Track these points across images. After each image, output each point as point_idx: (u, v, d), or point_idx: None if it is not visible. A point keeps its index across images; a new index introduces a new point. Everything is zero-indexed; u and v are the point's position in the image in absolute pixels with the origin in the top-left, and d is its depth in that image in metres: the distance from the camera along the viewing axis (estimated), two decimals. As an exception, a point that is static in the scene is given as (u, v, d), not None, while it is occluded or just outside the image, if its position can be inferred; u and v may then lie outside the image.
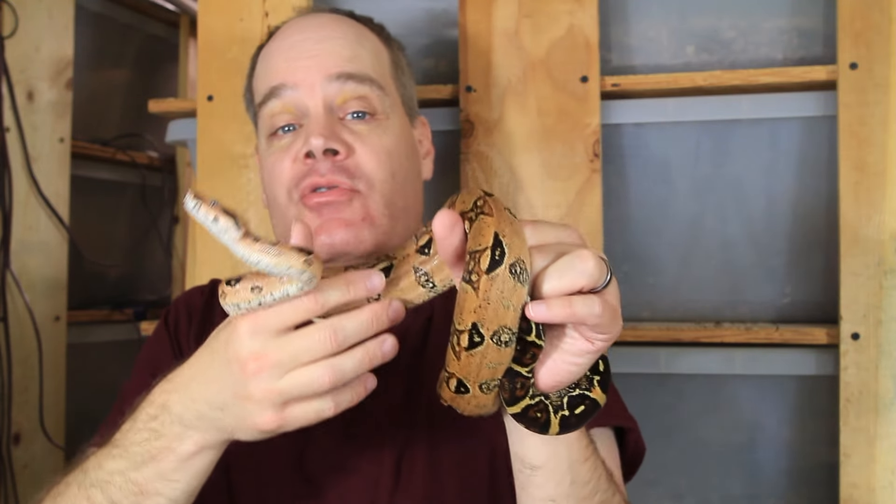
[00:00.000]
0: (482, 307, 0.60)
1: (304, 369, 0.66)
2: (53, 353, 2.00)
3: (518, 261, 0.60)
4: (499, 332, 0.61)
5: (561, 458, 0.74)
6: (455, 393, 0.67)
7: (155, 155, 2.44)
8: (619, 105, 1.42)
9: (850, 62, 1.31)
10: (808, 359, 1.36)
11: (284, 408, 0.68)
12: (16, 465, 1.89)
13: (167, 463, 0.74)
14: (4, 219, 1.88)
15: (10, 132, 1.90)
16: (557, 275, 0.61)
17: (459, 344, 0.63)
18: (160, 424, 0.75)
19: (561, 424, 0.68)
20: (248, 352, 0.67)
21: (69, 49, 2.04)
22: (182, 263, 2.42)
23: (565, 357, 0.65)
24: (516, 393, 0.66)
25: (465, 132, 1.41)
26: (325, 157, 0.94)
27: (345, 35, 1.01)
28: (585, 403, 0.68)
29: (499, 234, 0.60)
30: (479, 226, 0.61)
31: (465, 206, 0.64)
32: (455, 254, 0.64)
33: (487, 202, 0.62)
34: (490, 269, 0.60)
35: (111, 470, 0.77)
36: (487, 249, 0.60)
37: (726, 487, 1.45)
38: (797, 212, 1.42)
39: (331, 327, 0.66)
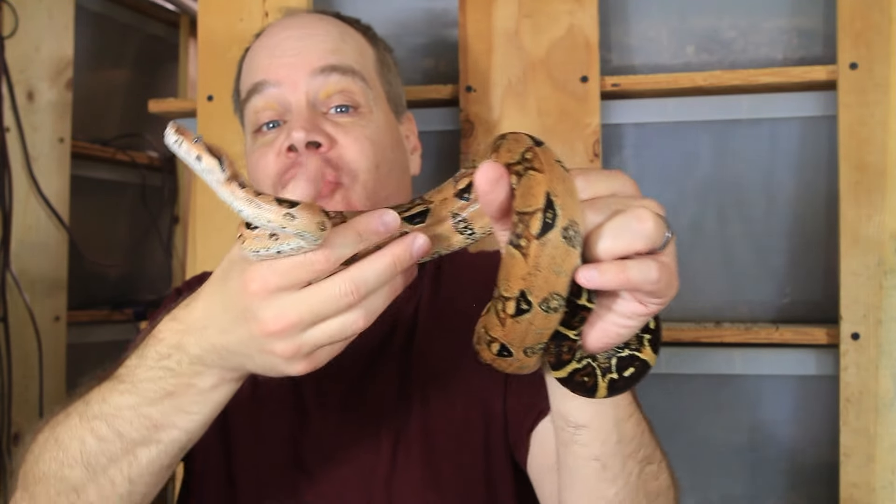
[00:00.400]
0: (531, 274, 0.55)
1: (332, 320, 0.63)
2: (53, 353, 2.00)
3: (571, 223, 0.54)
4: (548, 298, 0.56)
5: (607, 417, 0.71)
6: (497, 356, 0.63)
7: (155, 155, 2.44)
8: (619, 105, 1.42)
9: (850, 62, 1.31)
10: (808, 359, 1.36)
11: (314, 352, 0.66)
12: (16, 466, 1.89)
13: (186, 397, 0.73)
14: (4, 219, 1.88)
15: (10, 132, 1.90)
16: (612, 236, 0.56)
17: (505, 311, 0.58)
18: (176, 363, 0.72)
19: (609, 388, 0.64)
20: (265, 313, 0.63)
21: (69, 49, 2.04)
22: (182, 263, 2.42)
23: (616, 319, 0.61)
24: (562, 357, 0.63)
25: (465, 132, 1.41)
26: (307, 150, 0.93)
27: (327, 32, 1.01)
28: (635, 365, 0.65)
29: (550, 193, 0.54)
30: (528, 183, 0.55)
31: (511, 157, 0.58)
32: (499, 210, 0.58)
33: (537, 154, 0.56)
34: (541, 234, 0.54)
35: (118, 405, 0.75)
36: (538, 212, 0.54)
37: (726, 487, 1.45)
38: (797, 212, 1.42)
39: (352, 281, 0.62)
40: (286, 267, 0.62)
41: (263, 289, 0.63)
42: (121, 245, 2.42)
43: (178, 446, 0.76)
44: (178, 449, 0.76)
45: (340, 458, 0.94)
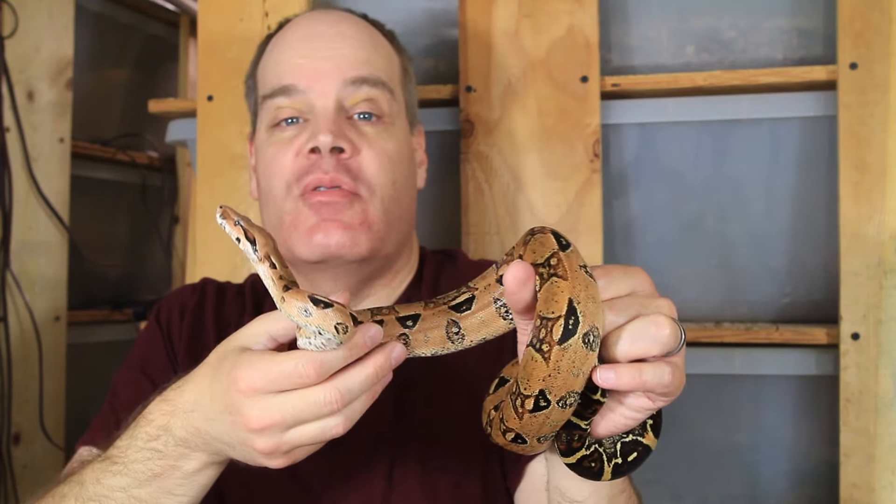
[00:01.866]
0: (551, 376, 0.58)
1: (313, 423, 0.65)
2: (53, 353, 2.00)
3: (592, 328, 0.58)
4: (566, 396, 0.59)
5: (602, 494, 0.74)
6: (511, 442, 0.66)
7: (155, 155, 2.44)
8: (619, 105, 1.42)
9: (850, 62, 1.31)
10: (808, 359, 1.36)
11: (293, 451, 0.68)
12: (16, 465, 1.89)
13: (172, 480, 0.74)
14: (4, 219, 1.88)
15: (10, 132, 1.90)
16: (630, 340, 0.59)
17: (523, 406, 0.61)
18: (163, 445, 0.74)
19: (613, 472, 0.68)
20: (249, 411, 0.65)
21: (69, 49, 2.04)
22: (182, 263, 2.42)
23: (626, 412, 0.64)
24: (573, 445, 0.66)
25: (465, 132, 1.41)
26: (330, 154, 0.93)
27: (360, 36, 1.01)
28: (638, 450, 0.68)
29: (573, 300, 0.57)
30: (551, 289, 0.58)
31: (535, 258, 0.61)
32: (524, 308, 0.61)
33: (562, 261, 0.59)
34: (562, 340, 0.57)
35: (111, 486, 0.77)
36: (561, 318, 0.57)
37: (726, 487, 1.45)
38: (797, 212, 1.41)
39: (337, 391, 0.64)
40: (275, 375, 0.64)
41: (250, 388, 0.65)
42: (121, 245, 2.42)
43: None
44: None
45: (338, 474, 0.93)
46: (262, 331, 0.68)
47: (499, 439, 0.68)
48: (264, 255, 0.67)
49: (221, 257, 1.43)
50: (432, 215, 1.49)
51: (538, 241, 0.62)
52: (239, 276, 1.40)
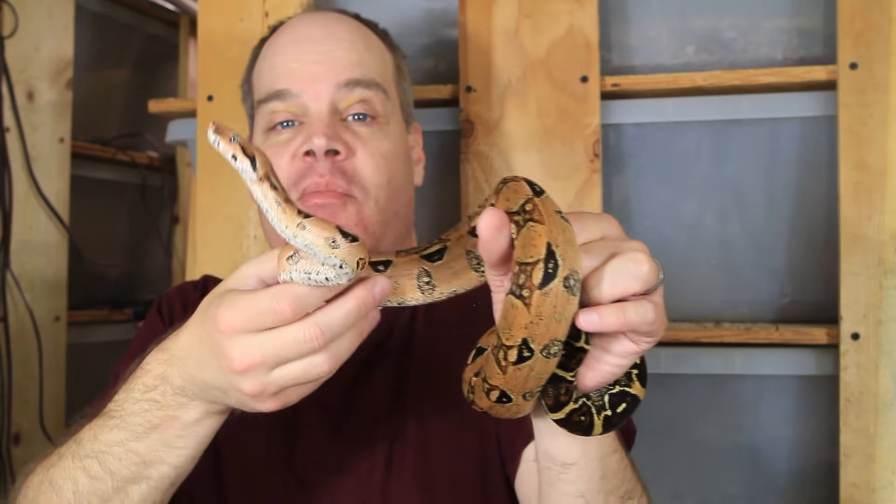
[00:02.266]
0: (533, 323, 0.57)
1: (296, 363, 0.64)
2: (53, 353, 2.00)
3: (571, 272, 0.56)
4: (549, 345, 0.58)
5: (592, 453, 0.73)
6: (496, 402, 0.64)
7: (155, 155, 2.44)
8: (619, 105, 1.42)
9: (850, 62, 1.31)
10: (808, 359, 1.36)
11: (282, 392, 0.66)
12: (16, 465, 1.89)
13: (172, 431, 0.73)
14: (4, 219, 1.88)
15: (10, 132, 1.90)
16: (610, 280, 0.58)
17: (506, 359, 0.59)
18: (160, 395, 0.73)
19: (604, 425, 0.66)
20: (231, 351, 0.64)
21: (69, 49, 2.04)
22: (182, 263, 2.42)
23: (611, 359, 0.63)
24: (560, 399, 0.64)
25: (465, 132, 1.41)
26: (325, 156, 0.94)
27: (352, 37, 1.01)
28: (627, 400, 0.67)
29: (552, 244, 0.56)
30: (528, 234, 0.56)
31: (510, 206, 0.59)
32: (499, 257, 0.59)
33: (537, 206, 0.57)
34: (543, 284, 0.56)
35: (108, 441, 0.75)
36: (540, 262, 0.56)
37: (726, 487, 1.45)
38: (797, 212, 1.41)
39: (316, 326, 0.63)
40: (252, 312, 0.63)
41: (230, 327, 0.64)
42: (121, 245, 2.42)
43: (168, 482, 0.76)
44: (168, 484, 0.76)
45: (335, 466, 0.93)
46: (250, 273, 0.67)
47: (482, 402, 0.66)
48: (263, 175, 0.62)
49: (221, 257, 1.43)
50: (432, 215, 1.49)
51: (511, 189, 0.60)
52: (239, 276, 1.40)
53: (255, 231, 1.41)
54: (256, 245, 1.42)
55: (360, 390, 0.96)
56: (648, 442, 1.05)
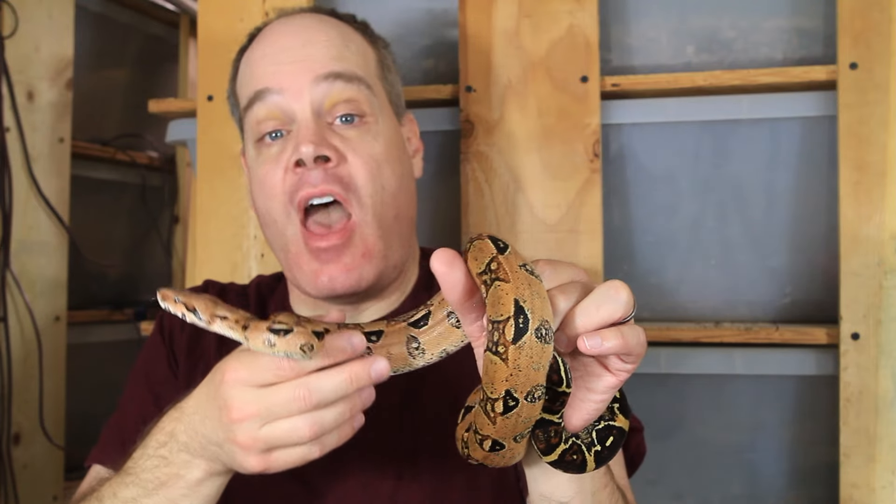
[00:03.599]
0: (513, 375, 0.60)
1: (283, 421, 0.67)
2: (53, 353, 2.00)
3: (542, 323, 0.59)
4: (532, 391, 0.61)
5: (585, 490, 0.75)
6: (490, 451, 0.67)
7: (155, 155, 2.44)
8: (619, 105, 1.42)
9: (850, 62, 1.31)
10: (808, 359, 1.36)
11: (269, 453, 0.69)
12: (16, 465, 1.89)
13: (177, 489, 0.76)
14: (4, 219, 1.88)
15: (10, 132, 1.90)
16: (595, 307, 0.62)
17: (494, 411, 0.62)
18: (168, 451, 0.76)
19: (596, 460, 0.69)
20: (231, 400, 0.68)
21: (69, 49, 2.04)
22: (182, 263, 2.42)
23: (593, 396, 0.66)
24: (551, 441, 0.67)
25: (465, 132, 1.41)
26: (315, 164, 0.92)
27: (329, 37, 0.99)
28: (613, 434, 0.70)
29: (518, 300, 0.59)
30: (496, 293, 0.60)
31: (478, 266, 0.62)
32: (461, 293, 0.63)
33: (501, 265, 0.61)
34: (516, 339, 0.59)
35: (124, 498, 0.78)
36: (510, 318, 0.59)
37: (726, 487, 1.45)
38: (797, 212, 1.42)
39: (305, 387, 0.66)
40: (257, 367, 0.67)
41: (234, 378, 0.68)
42: (121, 245, 2.42)
43: None
44: None
45: (344, 472, 0.93)
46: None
47: (477, 454, 0.69)
48: (210, 317, 0.70)
49: (221, 257, 1.43)
50: (432, 215, 1.49)
51: (477, 249, 0.63)
52: (239, 275, 1.40)
53: (255, 231, 1.41)
54: (256, 245, 1.42)
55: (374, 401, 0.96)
56: (649, 442, 1.05)
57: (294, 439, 0.68)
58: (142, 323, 1.67)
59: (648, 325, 1.43)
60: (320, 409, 0.67)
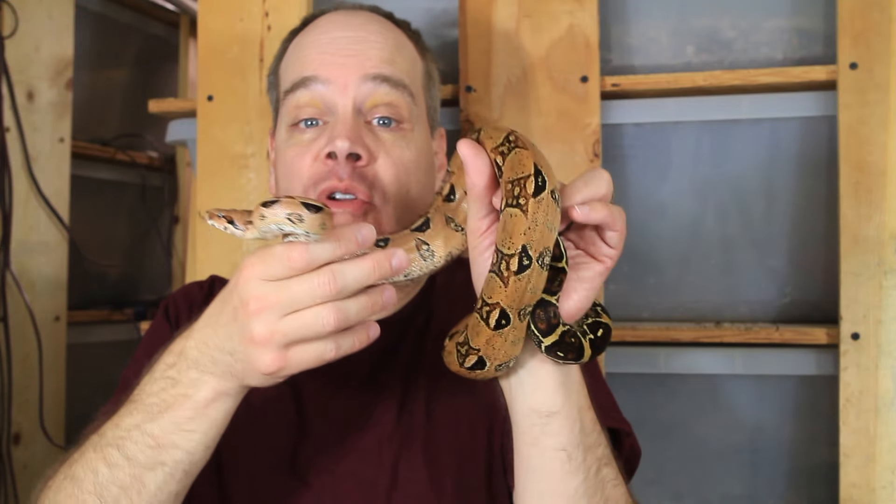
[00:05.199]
0: (531, 229, 0.65)
1: (307, 311, 0.67)
2: (53, 353, 2.00)
3: (555, 188, 0.66)
4: (543, 253, 0.66)
5: (572, 401, 0.77)
6: (495, 329, 0.70)
7: (155, 155, 2.44)
8: (619, 105, 1.42)
9: (850, 62, 1.31)
10: (808, 359, 1.36)
11: (286, 349, 0.68)
12: (16, 465, 1.89)
13: (183, 411, 0.74)
14: (4, 219, 1.88)
15: (10, 132, 1.90)
16: (584, 183, 0.69)
17: (509, 269, 0.66)
18: (177, 371, 0.75)
19: (592, 347, 0.73)
20: (249, 294, 0.68)
21: (69, 49, 2.04)
22: (182, 263, 2.42)
23: (583, 283, 0.72)
24: (552, 321, 0.71)
25: (466, 132, 1.41)
26: (346, 160, 0.93)
27: (384, 38, 1.00)
28: (602, 327, 0.74)
29: (537, 164, 0.66)
30: (517, 157, 0.66)
31: (494, 142, 0.68)
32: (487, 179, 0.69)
33: (519, 137, 0.68)
34: (536, 194, 0.65)
35: (128, 426, 0.76)
36: (531, 176, 0.65)
37: (726, 487, 1.45)
38: (797, 212, 1.42)
39: (330, 272, 0.67)
40: (271, 259, 0.67)
41: (251, 274, 0.68)
42: (121, 245, 2.42)
43: (182, 469, 0.76)
44: (183, 473, 0.77)
45: (340, 469, 0.93)
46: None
47: (480, 338, 0.71)
48: (245, 224, 0.72)
49: (221, 257, 1.43)
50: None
51: (492, 129, 0.70)
52: (239, 276, 1.40)
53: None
54: (256, 245, 1.42)
55: (368, 393, 0.96)
56: (649, 442, 1.05)
57: (317, 328, 0.67)
58: (142, 323, 1.68)
59: (648, 325, 1.43)
60: (343, 298, 0.67)
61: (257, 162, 1.44)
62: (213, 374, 0.73)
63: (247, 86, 1.45)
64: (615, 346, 1.33)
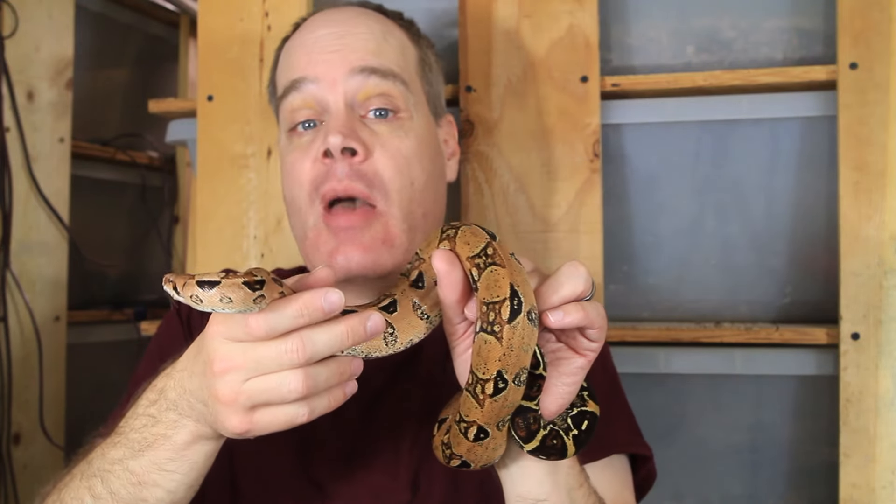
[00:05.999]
0: (506, 355, 0.63)
1: (272, 375, 0.64)
2: (53, 353, 2.00)
3: (532, 307, 0.64)
4: (519, 373, 0.65)
5: (561, 487, 0.76)
6: (474, 442, 0.69)
7: (155, 155, 2.44)
8: (619, 105, 1.42)
9: (850, 62, 1.31)
10: (808, 359, 1.36)
11: (252, 412, 0.66)
12: (16, 465, 1.89)
13: (163, 452, 0.73)
14: (4, 219, 1.88)
15: (10, 132, 1.90)
16: (558, 285, 0.66)
17: (484, 392, 0.65)
18: (158, 410, 0.74)
19: (575, 443, 0.72)
20: (215, 353, 0.66)
21: (69, 49, 2.04)
22: (182, 263, 2.42)
23: (564, 379, 0.70)
24: (531, 427, 0.70)
25: (465, 132, 1.41)
26: (342, 156, 0.92)
27: (370, 29, 0.99)
28: (587, 418, 0.73)
29: (513, 284, 0.63)
30: (492, 276, 0.64)
31: (471, 250, 0.67)
32: (460, 292, 0.67)
33: (497, 251, 0.65)
34: (511, 319, 0.63)
35: (112, 459, 0.76)
36: (506, 300, 0.63)
37: (726, 487, 1.45)
38: (797, 212, 1.41)
39: (300, 339, 0.64)
40: (233, 323, 0.65)
41: (217, 333, 0.66)
42: (121, 245, 2.42)
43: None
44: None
45: (357, 480, 0.92)
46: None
47: (461, 447, 0.71)
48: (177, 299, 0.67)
49: (221, 257, 1.43)
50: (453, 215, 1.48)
51: (469, 233, 0.68)
52: (239, 276, 1.40)
53: (254, 231, 1.41)
54: (256, 245, 1.42)
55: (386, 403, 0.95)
56: (649, 442, 1.05)
57: (283, 394, 0.64)
58: (142, 323, 1.67)
59: (648, 324, 1.43)
60: (313, 364, 0.65)
61: (257, 162, 1.44)
62: (191, 419, 0.72)
63: (247, 86, 1.45)
64: (615, 346, 1.33)
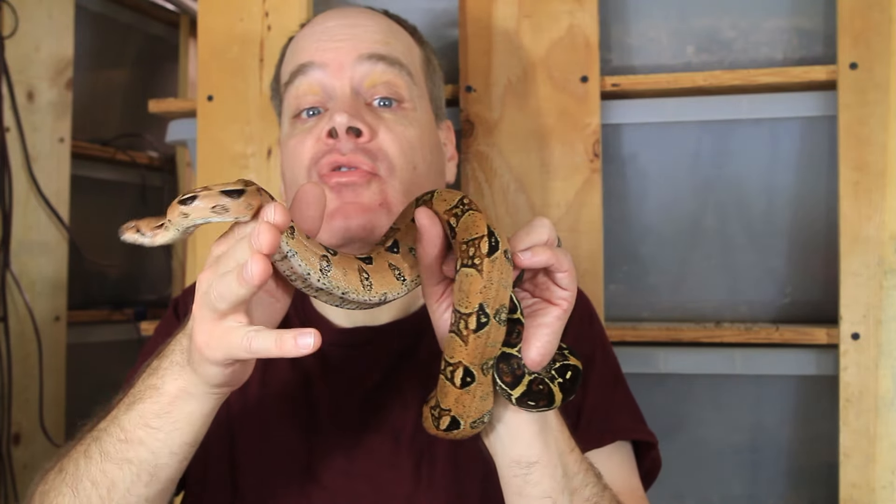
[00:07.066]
0: (486, 287, 0.67)
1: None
2: (53, 353, 2.00)
3: (507, 248, 0.68)
4: (499, 310, 0.68)
5: (552, 449, 0.76)
6: (461, 388, 0.71)
7: (155, 155, 2.44)
8: (619, 105, 1.42)
9: (850, 62, 1.31)
10: (808, 359, 1.36)
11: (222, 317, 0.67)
12: (16, 465, 1.89)
13: (150, 404, 0.73)
14: (4, 219, 1.88)
15: (10, 132, 1.90)
16: (525, 234, 0.71)
17: (468, 328, 0.68)
18: (158, 360, 0.76)
19: (562, 391, 0.74)
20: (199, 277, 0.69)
21: (69, 49, 2.04)
22: (182, 263, 2.42)
23: (543, 329, 0.72)
24: (517, 373, 0.72)
25: (465, 132, 1.41)
26: (347, 136, 0.91)
27: (378, 23, 1.00)
28: (570, 369, 0.75)
29: (490, 225, 0.68)
30: (470, 219, 0.69)
31: (447, 205, 0.71)
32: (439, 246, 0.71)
33: (472, 201, 0.71)
34: (490, 253, 0.67)
35: (111, 417, 0.77)
36: (485, 237, 0.68)
37: (726, 487, 1.45)
38: (797, 212, 1.42)
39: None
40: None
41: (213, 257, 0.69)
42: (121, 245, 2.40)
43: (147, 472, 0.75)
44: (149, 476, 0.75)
45: (357, 473, 0.92)
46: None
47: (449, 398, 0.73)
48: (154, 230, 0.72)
49: (221, 257, 1.43)
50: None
51: (445, 193, 0.73)
52: (239, 276, 1.40)
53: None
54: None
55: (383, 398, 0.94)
56: (648, 442, 1.05)
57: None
58: (142, 323, 1.67)
59: (648, 324, 1.43)
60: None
61: (257, 162, 1.44)
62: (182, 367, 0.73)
63: (247, 86, 1.45)
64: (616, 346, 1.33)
